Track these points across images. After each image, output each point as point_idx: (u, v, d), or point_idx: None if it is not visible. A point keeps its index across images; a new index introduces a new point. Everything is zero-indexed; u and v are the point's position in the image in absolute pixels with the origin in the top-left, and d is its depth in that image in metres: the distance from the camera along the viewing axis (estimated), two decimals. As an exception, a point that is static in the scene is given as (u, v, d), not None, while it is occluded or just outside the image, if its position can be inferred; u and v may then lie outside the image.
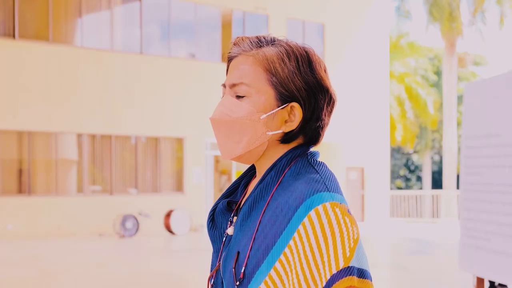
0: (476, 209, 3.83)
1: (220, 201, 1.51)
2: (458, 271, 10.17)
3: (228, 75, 1.46)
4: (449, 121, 26.32)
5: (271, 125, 1.42)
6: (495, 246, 3.60)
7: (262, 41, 1.44)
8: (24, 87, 16.47)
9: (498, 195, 3.60)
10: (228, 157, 1.45)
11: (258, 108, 1.41)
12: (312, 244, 1.29)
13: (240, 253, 1.37)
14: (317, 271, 1.29)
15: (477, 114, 3.87)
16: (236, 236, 1.41)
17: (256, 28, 20.33)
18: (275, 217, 1.35)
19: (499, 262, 3.56)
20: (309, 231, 1.30)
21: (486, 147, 3.74)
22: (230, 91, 1.44)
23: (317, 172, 1.39)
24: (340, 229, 1.30)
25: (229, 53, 1.48)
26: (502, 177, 3.57)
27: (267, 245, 1.34)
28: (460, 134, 9.65)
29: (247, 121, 1.41)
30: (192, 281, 10.69)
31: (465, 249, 3.94)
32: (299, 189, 1.34)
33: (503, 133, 3.59)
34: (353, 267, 1.30)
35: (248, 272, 1.35)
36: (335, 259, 1.29)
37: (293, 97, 1.41)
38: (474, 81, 3.98)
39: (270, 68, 1.41)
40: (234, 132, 1.42)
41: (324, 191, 1.33)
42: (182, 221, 17.22)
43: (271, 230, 1.34)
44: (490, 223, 3.67)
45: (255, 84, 1.41)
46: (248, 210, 1.40)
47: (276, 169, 1.41)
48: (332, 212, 1.31)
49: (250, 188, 1.50)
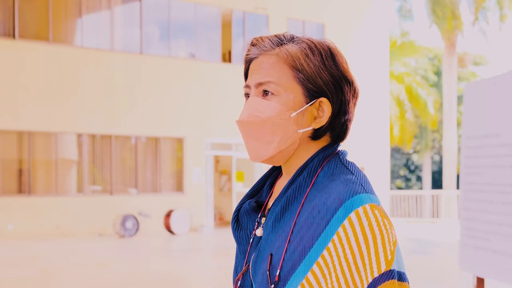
0: (476, 209, 3.83)
1: (244, 202, 1.48)
2: (458, 271, 10.18)
3: (250, 76, 1.43)
4: (449, 121, 26.32)
5: (301, 122, 1.39)
6: (495, 246, 3.60)
7: (282, 39, 1.42)
8: (24, 87, 16.47)
9: (498, 195, 3.60)
10: (259, 159, 1.41)
11: (287, 106, 1.38)
12: (353, 246, 1.27)
13: (274, 255, 1.34)
14: (358, 274, 1.27)
15: (477, 114, 3.87)
16: (268, 237, 1.38)
17: (256, 28, 20.33)
18: (312, 219, 1.32)
19: (499, 262, 3.56)
20: (349, 233, 1.27)
21: (486, 147, 3.74)
22: (255, 92, 1.41)
23: (352, 173, 1.37)
24: (380, 231, 1.28)
25: (247, 54, 1.45)
26: (502, 177, 3.57)
27: (304, 247, 1.31)
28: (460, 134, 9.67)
29: (277, 120, 1.38)
30: (192, 281, 10.69)
31: (465, 249, 3.94)
32: (337, 191, 1.32)
33: (503, 133, 3.59)
34: (394, 270, 1.29)
35: (283, 275, 1.32)
36: (377, 262, 1.27)
37: (321, 92, 1.39)
38: (474, 81, 3.98)
39: (295, 65, 1.39)
40: (265, 133, 1.39)
41: (362, 192, 1.32)
42: (182, 221, 17.22)
43: (308, 232, 1.31)
44: (490, 223, 3.67)
45: (283, 82, 1.39)
46: (281, 211, 1.37)
47: (308, 169, 1.39)
48: (372, 214, 1.29)
49: (276, 188, 1.47)
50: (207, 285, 10.42)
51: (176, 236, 16.91)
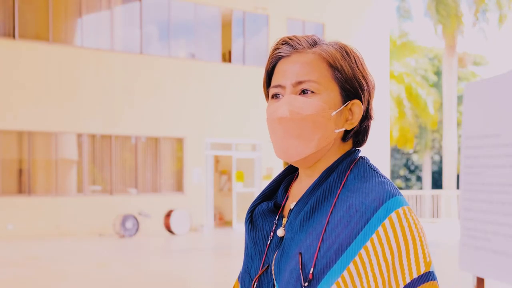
0: (476, 209, 3.83)
1: (258, 203, 1.47)
2: (458, 271, 10.18)
3: (283, 75, 1.40)
4: (449, 121, 26.32)
5: (338, 122, 1.39)
6: (495, 246, 3.60)
7: (316, 39, 1.43)
8: (24, 87, 16.47)
9: (498, 195, 3.60)
10: (297, 157, 1.39)
11: (328, 105, 1.38)
12: (393, 246, 1.27)
13: (304, 254, 1.33)
14: (394, 274, 1.27)
15: (477, 114, 3.88)
16: (294, 236, 1.37)
17: (256, 28, 20.34)
18: (349, 217, 1.31)
19: (499, 262, 3.57)
20: (389, 233, 1.28)
21: (486, 147, 3.74)
22: (293, 90, 1.39)
23: (383, 176, 1.38)
24: (418, 233, 1.30)
25: (277, 52, 1.42)
26: (502, 177, 3.57)
27: (341, 245, 1.30)
28: (460, 134, 9.66)
29: (319, 118, 1.37)
30: (192, 281, 10.69)
31: (465, 249, 3.94)
32: (375, 191, 1.32)
33: (503, 133, 3.59)
34: (433, 272, 1.29)
35: (316, 273, 1.31)
36: (416, 263, 1.28)
37: (355, 94, 1.40)
38: (474, 81, 3.98)
39: (335, 64, 1.39)
40: (306, 131, 1.37)
41: (399, 195, 1.33)
42: (182, 221, 17.22)
43: (345, 230, 1.31)
44: (490, 223, 3.67)
45: (323, 81, 1.38)
46: (310, 210, 1.36)
47: (338, 171, 1.38)
48: (410, 216, 1.30)
49: (293, 191, 1.46)
50: (207, 285, 10.42)
51: (176, 236, 16.91)
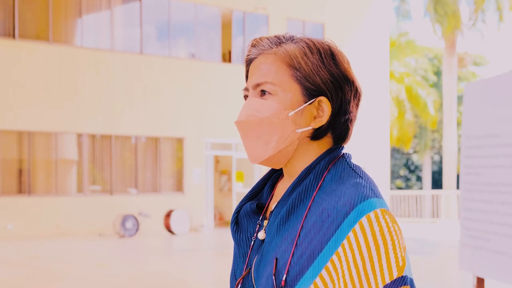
0: (476, 209, 3.83)
1: (244, 203, 1.45)
2: (458, 271, 10.17)
3: (249, 77, 1.41)
4: (449, 121, 26.32)
5: (300, 122, 1.36)
6: (495, 246, 3.60)
7: (281, 39, 1.40)
8: (24, 87, 16.47)
9: (498, 195, 3.60)
10: (258, 161, 1.38)
11: (285, 106, 1.36)
12: (363, 252, 1.24)
13: (279, 259, 1.31)
14: (367, 280, 1.24)
15: (477, 114, 3.88)
16: (272, 240, 1.34)
17: (256, 28, 20.33)
18: (321, 222, 1.28)
19: (499, 262, 3.57)
20: (360, 238, 1.24)
21: (486, 147, 3.75)
22: (253, 93, 1.39)
23: (361, 177, 1.34)
24: (391, 237, 1.25)
25: (248, 55, 1.43)
26: (502, 177, 3.57)
27: (313, 251, 1.28)
28: (460, 134, 9.65)
29: (275, 119, 1.35)
30: (192, 281, 10.69)
31: (465, 249, 3.94)
32: (347, 194, 1.29)
33: (503, 133, 3.59)
34: (407, 277, 1.26)
35: (290, 280, 1.29)
36: (388, 268, 1.24)
37: (320, 91, 1.37)
38: (474, 81, 3.98)
39: (293, 64, 1.36)
40: (263, 133, 1.36)
41: (373, 197, 1.29)
42: (182, 221, 17.22)
43: (317, 235, 1.28)
44: (490, 223, 3.67)
45: (280, 82, 1.36)
46: (286, 214, 1.34)
47: (314, 172, 1.35)
48: (383, 219, 1.26)
49: (278, 191, 1.44)
50: (207, 285, 10.42)
51: (176, 236, 16.91)
